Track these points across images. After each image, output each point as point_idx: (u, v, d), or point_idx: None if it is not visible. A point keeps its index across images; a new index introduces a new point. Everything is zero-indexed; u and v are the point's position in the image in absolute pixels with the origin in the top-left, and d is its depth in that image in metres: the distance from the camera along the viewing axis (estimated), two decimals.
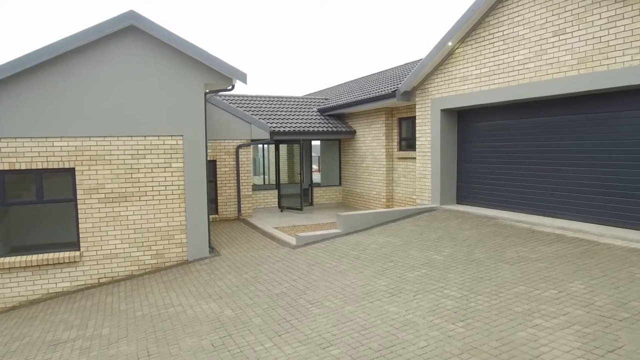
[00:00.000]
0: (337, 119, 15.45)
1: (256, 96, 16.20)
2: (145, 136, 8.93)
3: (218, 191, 13.06)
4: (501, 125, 9.61)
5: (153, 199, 9.03)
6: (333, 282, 6.39)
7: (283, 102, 16.24)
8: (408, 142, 12.98)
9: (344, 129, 14.83)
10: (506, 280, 5.59)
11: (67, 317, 7.11)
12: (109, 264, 8.85)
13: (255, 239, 10.49)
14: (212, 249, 9.64)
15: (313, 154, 16.68)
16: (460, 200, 10.71)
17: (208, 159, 12.72)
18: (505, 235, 7.70)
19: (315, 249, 8.57)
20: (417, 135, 11.37)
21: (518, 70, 8.63)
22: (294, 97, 16.91)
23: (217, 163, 13.01)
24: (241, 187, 13.26)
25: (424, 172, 11.17)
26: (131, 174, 8.88)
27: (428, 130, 10.97)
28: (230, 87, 9.61)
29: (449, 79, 10.29)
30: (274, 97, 16.47)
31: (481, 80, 9.46)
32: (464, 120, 10.59)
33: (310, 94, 17.83)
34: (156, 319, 6.18)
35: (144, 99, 8.86)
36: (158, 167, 9.04)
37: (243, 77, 9.31)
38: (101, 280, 8.81)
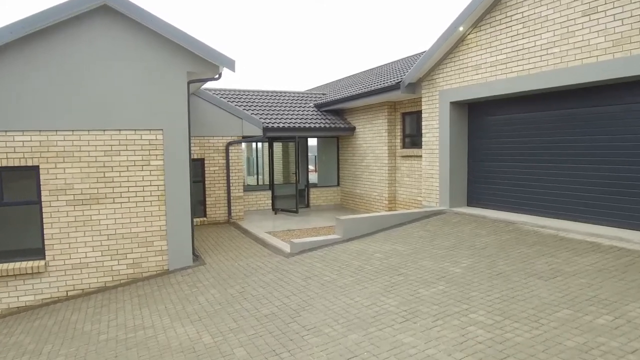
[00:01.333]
0: (335, 115, 14.45)
1: (248, 90, 15.18)
2: (119, 130, 7.91)
3: (206, 192, 12.04)
4: (519, 119, 8.63)
5: (129, 201, 8.00)
6: (333, 301, 5.38)
7: (277, 97, 15.22)
8: (412, 139, 12.00)
9: (342, 125, 13.83)
10: (544, 301, 4.60)
11: (23, 339, 6.09)
12: (78, 275, 7.82)
13: (245, 245, 9.47)
14: (196, 256, 8.62)
15: (310, 154, 15.67)
16: (471, 202, 9.73)
17: (195, 156, 11.71)
18: (530, 243, 6.71)
19: (311, 257, 7.56)
20: (423, 131, 10.39)
21: (540, 56, 7.65)
22: (289, 92, 15.90)
23: (206, 161, 11.99)
24: (232, 188, 12.24)
25: (430, 172, 10.18)
26: (104, 172, 7.85)
27: (436, 125, 9.99)
28: (216, 76, 8.60)
29: (460, 69, 9.31)
30: (267, 92, 15.46)
31: (497, 68, 8.48)
32: (476, 114, 9.61)
33: (308, 90, 16.83)
34: (121, 346, 5.16)
35: (119, 88, 7.84)
36: (135, 165, 8.02)
37: (231, 64, 8.30)
38: (70, 293, 7.78)
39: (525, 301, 4.64)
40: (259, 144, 15.79)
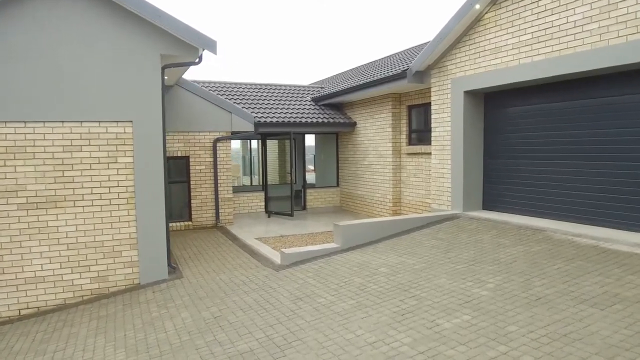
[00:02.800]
0: (334, 109, 13.29)
1: (239, 83, 14.02)
2: (81, 122, 6.77)
3: (191, 193, 10.89)
4: (545, 110, 7.48)
5: (92, 205, 6.86)
6: (328, 334, 4.23)
7: (271, 90, 14.06)
8: (420, 135, 10.84)
9: (342, 120, 12.67)
10: (609, 341, 3.44)
11: None
12: (33, 291, 6.69)
13: (231, 254, 8.31)
14: (173, 268, 7.48)
15: (309, 155, 14.50)
16: (488, 205, 8.57)
17: (178, 154, 10.59)
18: (568, 256, 5.55)
19: (304, 271, 6.41)
20: (432, 125, 9.23)
21: (574, 34, 6.50)
22: (284, 85, 14.74)
23: (191, 160, 10.84)
24: (220, 189, 11.09)
25: (441, 171, 9.03)
26: (63, 171, 6.71)
27: (447, 118, 8.83)
28: (196, 60, 7.45)
29: (475, 53, 8.16)
30: (260, 85, 14.30)
31: (520, 50, 7.33)
32: (493, 105, 8.46)
33: (307, 85, 15.64)
34: None
35: (79, 73, 6.70)
36: (99, 163, 6.88)
37: (211, 46, 7.16)
38: (22, 312, 6.65)
39: (582, 341, 3.48)
40: (254, 142, 14.65)
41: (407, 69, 9.41)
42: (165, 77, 9.48)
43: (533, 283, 4.81)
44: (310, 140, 14.69)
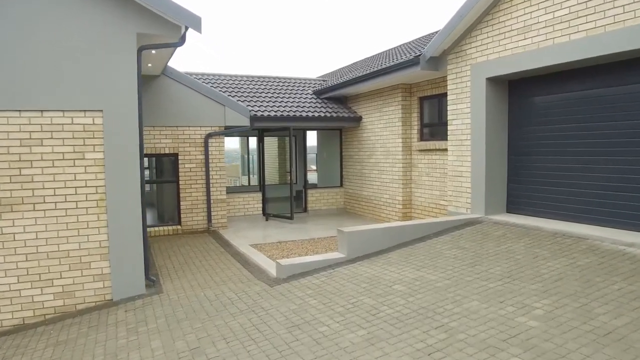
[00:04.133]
0: (338, 103, 12.26)
1: (234, 75, 13.00)
2: (42, 111, 5.77)
3: (180, 195, 9.88)
4: (583, 98, 6.44)
5: (56, 208, 5.86)
6: None
7: (269, 83, 13.02)
8: (433, 129, 9.79)
9: (346, 115, 11.64)
10: None
11: None
12: None
13: (221, 263, 7.30)
14: (152, 281, 6.47)
15: (309, 154, 13.44)
16: (512, 208, 7.54)
17: (166, 151, 9.61)
18: (626, 272, 4.52)
19: (304, 287, 5.39)
20: (449, 117, 8.19)
21: (623, 5, 5.46)
22: (283, 77, 13.72)
23: (180, 157, 9.83)
24: (212, 189, 10.08)
25: (459, 169, 7.99)
26: (20, 169, 5.71)
27: (466, 109, 7.80)
28: (178, 41, 6.45)
29: (500, 33, 7.12)
30: (257, 77, 13.27)
31: (555, 28, 6.28)
32: (519, 94, 7.42)
33: (308, 78, 14.58)
34: None
35: (41, 54, 5.69)
36: (64, 159, 5.87)
37: (195, 23, 6.15)
38: None
39: None
40: (250, 139, 13.67)
41: (420, 55, 8.37)
42: (149, 65, 8.51)
43: (593, 310, 3.77)
44: (312, 137, 13.68)
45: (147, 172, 12.26)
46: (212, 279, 6.44)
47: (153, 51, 7.40)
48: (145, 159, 10.90)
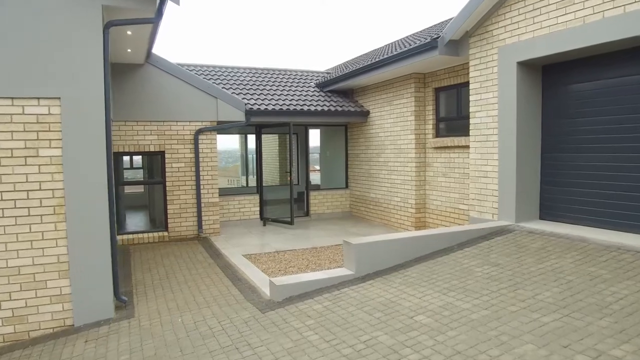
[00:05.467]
0: (343, 96, 11.20)
1: (230, 67, 11.96)
2: None
3: (167, 197, 8.85)
4: (635, 84, 5.36)
5: (3, 216, 4.84)
6: None
7: (267, 75, 11.96)
8: (450, 124, 8.72)
9: (353, 109, 10.59)
10: None
11: None
12: None
13: (208, 278, 6.26)
14: (123, 301, 5.44)
15: (312, 154, 12.38)
16: (547, 213, 6.47)
17: (151, 149, 8.61)
18: None
19: (303, 316, 4.34)
20: (471, 109, 7.13)
21: None
22: (283, 69, 12.65)
23: (166, 156, 8.80)
24: (202, 191, 9.05)
25: (484, 169, 6.93)
26: None
27: (492, 99, 6.73)
28: (153, 15, 5.42)
29: (535, 9, 6.05)
30: (254, 69, 12.22)
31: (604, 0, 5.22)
32: (555, 81, 6.35)
33: (311, 70, 13.48)
34: None
35: None
36: (12, 157, 4.86)
37: None
38: None
39: None
40: (248, 136, 12.66)
41: (438, 37, 7.31)
42: (128, 50, 7.49)
43: None
44: (314, 135, 12.64)
45: (129, 173, 11.27)
46: (194, 300, 5.41)
47: (129, 32, 6.38)
48: (127, 158, 9.93)
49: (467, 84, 7.88)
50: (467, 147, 7.79)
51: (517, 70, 6.34)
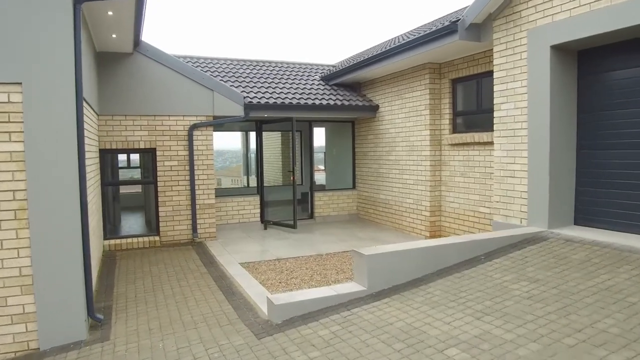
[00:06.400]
0: (349, 90, 10.44)
1: (228, 59, 11.21)
2: None
3: (159, 199, 8.12)
4: None
5: None
6: None
7: (268, 68, 11.21)
8: (470, 118, 7.94)
9: (360, 103, 9.83)
10: None
11: None
12: None
13: (199, 291, 5.52)
14: (99, 320, 4.71)
15: (317, 153, 11.61)
16: (583, 218, 5.69)
17: (141, 146, 7.89)
18: None
19: (306, 345, 3.58)
20: (496, 101, 6.36)
21: None
22: (286, 62, 11.90)
23: (158, 153, 8.07)
24: (197, 192, 8.31)
25: (511, 167, 6.15)
26: None
27: (520, 88, 5.96)
28: None
29: None
30: (254, 61, 11.46)
31: None
32: (595, 68, 5.57)
33: (315, 63, 12.70)
34: None
35: None
36: None
37: None
38: None
39: None
40: (249, 134, 11.94)
41: (458, 20, 6.54)
42: (113, 36, 6.76)
43: None
44: (319, 132, 11.89)
45: (124, 172, 10.55)
46: (180, 318, 4.66)
47: (109, 12, 5.64)
48: (123, 156, 9.18)
49: (488, 73, 7.11)
50: (490, 143, 7.01)
51: (550, 55, 5.56)
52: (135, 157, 11.34)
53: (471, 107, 7.83)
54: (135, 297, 5.43)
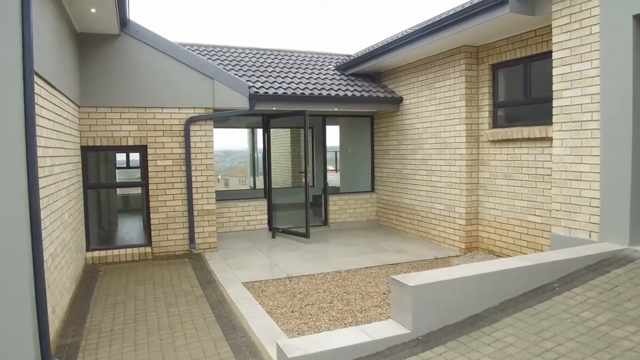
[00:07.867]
0: (369, 80, 9.29)
1: (232, 47, 10.08)
2: None
3: (150, 204, 7.03)
4: None
5: None
6: None
7: (277, 56, 10.07)
8: (515, 110, 6.75)
9: (381, 94, 8.67)
10: None
11: None
12: None
13: (191, 323, 4.41)
14: None
15: (330, 152, 10.48)
16: None
17: (130, 142, 6.86)
18: None
19: None
20: (556, 87, 5.18)
21: None
22: (297, 51, 10.76)
23: (149, 151, 6.99)
24: (195, 196, 7.22)
25: (576, 168, 4.98)
26: None
27: (590, 70, 4.79)
28: None
29: None
30: (261, 49, 10.33)
31: None
32: None
33: (330, 52, 11.52)
34: None
35: None
36: None
37: None
38: None
39: None
40: (256, 131, 10.88)
41: None
42: (92, 10, 5.67)
43: None
44: (333, 129, 10.77)
45: (122, 172, 9.48)
46: None
47: None
48: (122, 156, 8.10)
49: (541, 55, 5.97)
50: (544, 139, 5.86)
51: (633, 27, 4.39)
52: (135, 157, 10.33)
53: (517, 96, 6.64)
54: (111, 331, 4.32)
